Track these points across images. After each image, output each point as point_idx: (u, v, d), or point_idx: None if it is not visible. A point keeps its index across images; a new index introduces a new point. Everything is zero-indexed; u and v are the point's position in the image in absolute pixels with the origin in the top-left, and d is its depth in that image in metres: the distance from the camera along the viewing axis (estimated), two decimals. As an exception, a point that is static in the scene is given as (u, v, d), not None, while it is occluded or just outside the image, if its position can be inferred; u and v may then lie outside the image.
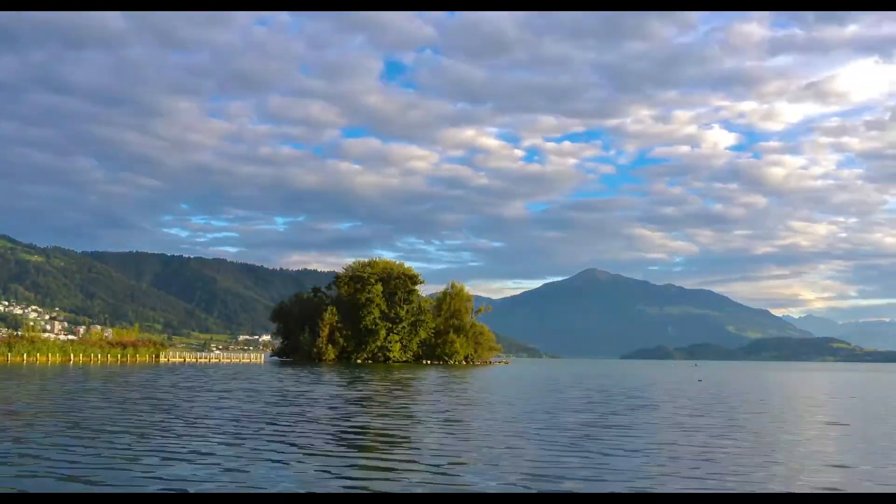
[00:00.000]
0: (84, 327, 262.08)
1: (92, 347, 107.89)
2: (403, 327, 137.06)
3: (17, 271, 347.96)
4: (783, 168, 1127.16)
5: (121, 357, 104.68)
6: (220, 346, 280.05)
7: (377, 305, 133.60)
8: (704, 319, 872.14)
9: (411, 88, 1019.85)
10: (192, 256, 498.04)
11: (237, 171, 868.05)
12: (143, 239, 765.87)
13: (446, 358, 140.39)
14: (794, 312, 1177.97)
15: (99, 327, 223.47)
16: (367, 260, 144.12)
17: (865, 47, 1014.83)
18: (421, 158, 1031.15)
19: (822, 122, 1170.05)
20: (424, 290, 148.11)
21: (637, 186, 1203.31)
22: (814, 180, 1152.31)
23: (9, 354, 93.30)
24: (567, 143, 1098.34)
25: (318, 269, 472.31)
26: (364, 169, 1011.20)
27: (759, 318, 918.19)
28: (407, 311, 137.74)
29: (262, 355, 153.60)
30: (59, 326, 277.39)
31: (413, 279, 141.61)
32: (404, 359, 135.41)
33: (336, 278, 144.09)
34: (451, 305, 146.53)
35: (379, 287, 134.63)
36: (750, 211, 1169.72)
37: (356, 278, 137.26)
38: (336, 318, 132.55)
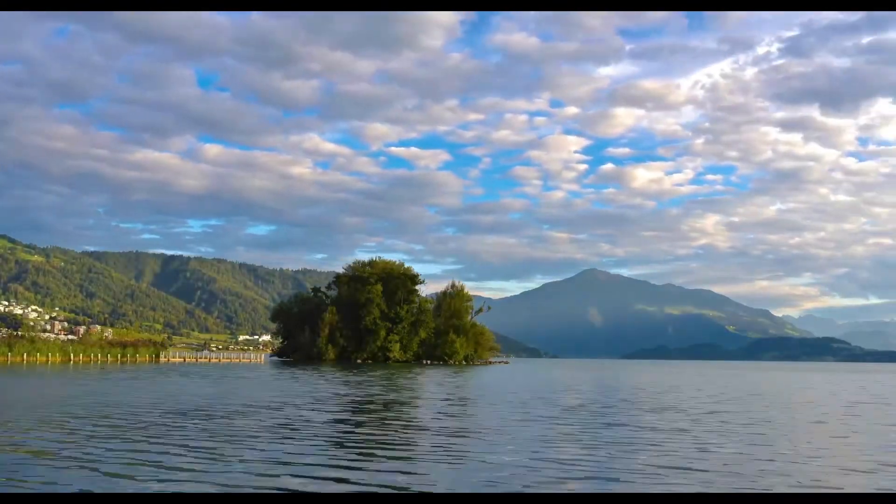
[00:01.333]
0: (84, 327, 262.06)
1: (92, 347, 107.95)
2: (403, 327, 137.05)
3: (17, 271, 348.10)
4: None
5: (121, 357, 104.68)
6: (220, 346, 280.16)
7: (377, 305, 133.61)
8: (704, 319, 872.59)
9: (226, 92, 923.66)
10: (192, 256, 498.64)
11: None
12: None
13: (446, 358, 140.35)
14: (794, 312, 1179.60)
15: (99, 327, 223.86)
16: (366, 260, 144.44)
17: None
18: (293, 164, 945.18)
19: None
20: (424, 290, 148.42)
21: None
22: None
23: (9, 354, 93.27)
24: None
25: (318, 269, 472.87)
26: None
27: (759, 318, 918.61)
28: (407, 311, 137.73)
29: (263, 355, 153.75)
30: (59, 326, 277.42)
31: (413, 279, 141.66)
32: (404, 359, 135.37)
33: (336, 278, 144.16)
34: (450, 305, 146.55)
35: (379, 287, 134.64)
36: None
37: (356, 278, 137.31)
38: (336, 318, 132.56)
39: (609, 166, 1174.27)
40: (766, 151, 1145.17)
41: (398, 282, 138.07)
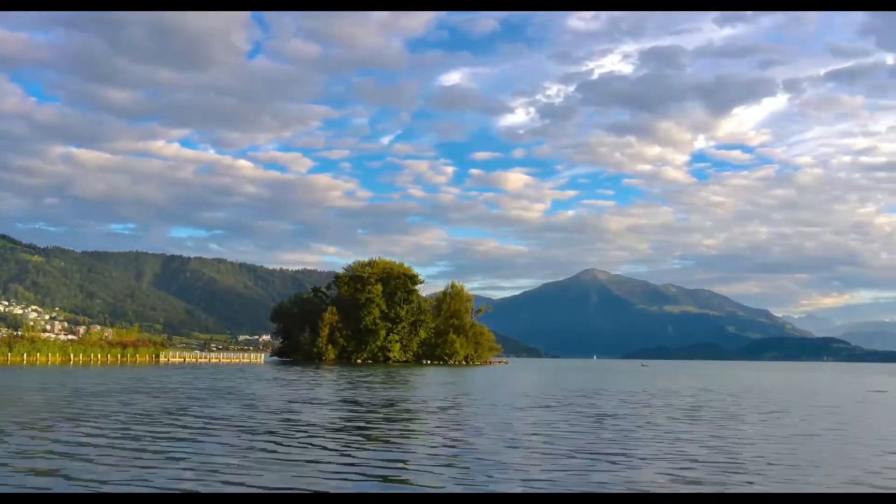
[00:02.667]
0: (84, 327, 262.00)
1: (92, 347, 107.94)
2: (403, 327, 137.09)
3: (17, 271, 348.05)
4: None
5: (121, 357, 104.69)
6: (220, 346, 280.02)
7: (377, 305, 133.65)
8: (704, 319, 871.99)
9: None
10: (192, 256, 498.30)
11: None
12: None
13: (446, 358, 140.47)
14: (794, 312, 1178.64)
15: (99, 327, 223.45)
16: (366, 260, 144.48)
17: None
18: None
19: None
20: (423, 290, 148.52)
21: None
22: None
23: (9, 354, 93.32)
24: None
25: (318, 270, 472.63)
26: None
27: (759, 318, 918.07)
28: (407, 311, 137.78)
29: (262, 355, 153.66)
30: (59, 326, 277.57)
31: (413, 279, 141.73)
32: (404, 359, 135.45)
33: (336, 278, 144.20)
34: (450, 305, 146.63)
35: (379, 287, 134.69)
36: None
37: (356, 278, 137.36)
38: (336, 318, 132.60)
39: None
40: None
41: (398, 282, 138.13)
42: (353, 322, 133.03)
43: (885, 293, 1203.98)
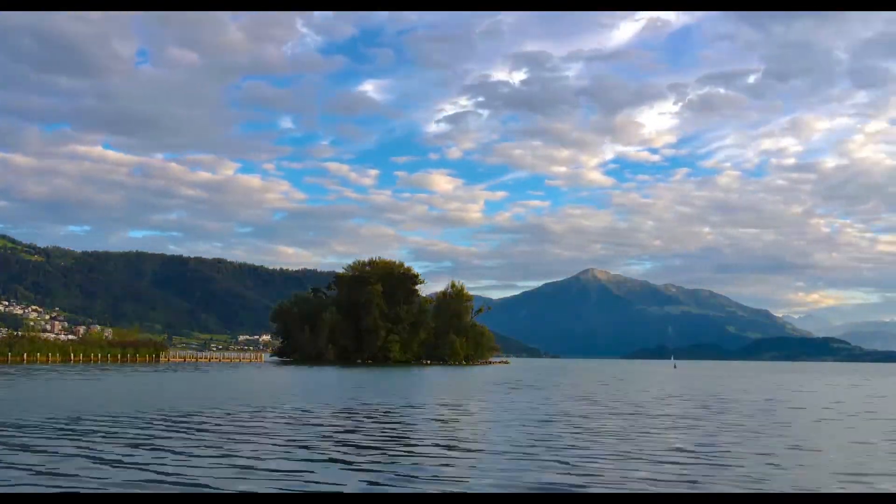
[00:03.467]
0: (84, 327, 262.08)
1: (92, 347, 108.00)
2: (403, 327, 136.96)
3: (17, 271, 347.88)
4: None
5: (121, 357, 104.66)
6: (220, 346, 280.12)
7: (377, 305, 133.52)
8: (704, 319, 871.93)
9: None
10: (192, 256, 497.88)
11: None
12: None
13: (446, 358, 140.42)
14: (794, 312, 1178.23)
15: (99, 327, 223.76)
16: (366, 260, 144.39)
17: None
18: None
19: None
20: (423, 290, 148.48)
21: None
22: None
23: (9, 354, 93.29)
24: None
25: (318, 270, 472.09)
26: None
27: (759, 318, 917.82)
28: (407, 312, 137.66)
29: (262, 355, 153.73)
30: (59, 326, 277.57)
31: (413, 279, 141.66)
32: (404, 359, 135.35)
33: (336, 278, 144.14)
34: (450, 306, 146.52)
35: (379, 287, 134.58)
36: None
37: (356, 278, 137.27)
38: (336, 318, 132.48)
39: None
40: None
41: (398, 282, 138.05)
42: (354, 322, 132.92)
43: (886, 293, 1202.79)
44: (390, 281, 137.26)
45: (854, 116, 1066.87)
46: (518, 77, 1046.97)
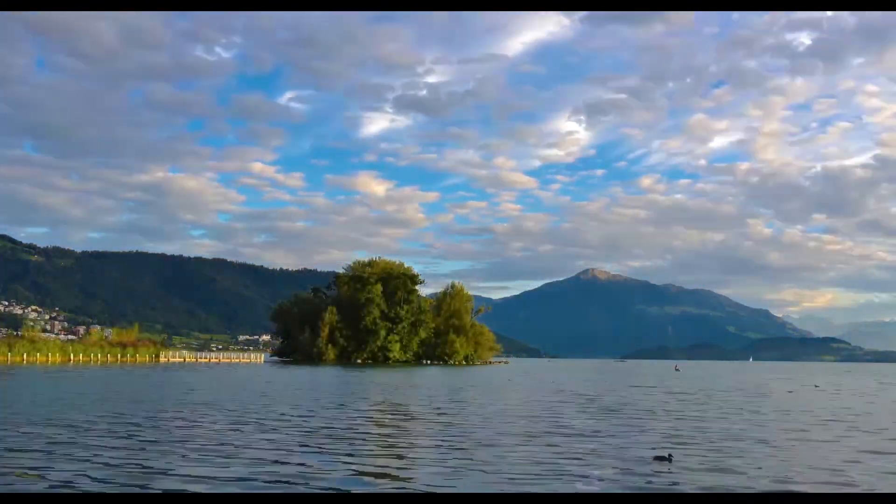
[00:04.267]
0: (84, 327, 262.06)
1: (92, 347, 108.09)
2: (403, 327, 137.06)
3: (17, 271, 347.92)
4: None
5: (121, 357, 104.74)
6: (220, 346, 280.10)
7: (377, 305, 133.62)
8: (704, 319, 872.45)
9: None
10: (192, 256, 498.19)
11: None
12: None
13: (446, 358, 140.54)
14: (794, 312, 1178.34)
15: (99, 327, 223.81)
16: (366, 260, 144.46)
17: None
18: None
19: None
20: (423, 290, 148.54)
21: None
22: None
23: (9, 354, 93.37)
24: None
25: (318, 270, 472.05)
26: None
27: (759, 318, 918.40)
28: (407, 311, 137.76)
29: (262, 355, 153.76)
30: (59, 326, 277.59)
31: (413, 279, 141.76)
32: (404, 359, 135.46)
33: (336, 278, 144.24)
34: (450, 305, 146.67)
35: (379, 287, 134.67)
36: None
37: (356, 278, 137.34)
38: (336, 318, 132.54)
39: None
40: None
41: (398, 282, 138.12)
42: (353, 322, 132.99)
43: (886, 293, 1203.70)
44: (390, 281, 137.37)
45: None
46: (427, 82, 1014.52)
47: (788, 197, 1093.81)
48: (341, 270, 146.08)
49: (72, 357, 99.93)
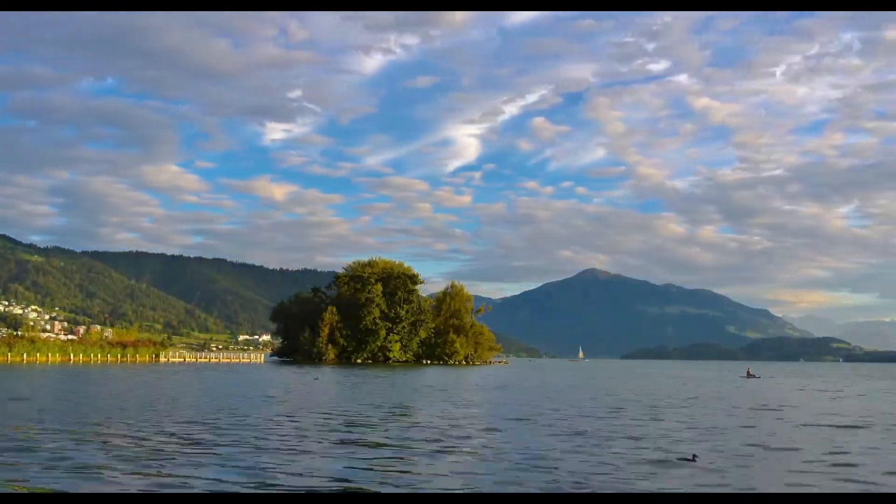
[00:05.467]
0: (84, 327, 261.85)
1: (92, 347, 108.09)
2: (403, 327, 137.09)
3: (17, 271, 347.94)
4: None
5: (121, 357, 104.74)
6: (220, 346, 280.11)
7: (377, 305, 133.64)
8: (704, 319, 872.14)
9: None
10: (192, 256, 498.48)
11: None
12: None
13: (446, 358, 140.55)
14: (794, 312, 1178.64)
15: (99, 327, 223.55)
16: (366, 260, 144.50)
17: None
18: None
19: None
20: (424, 290, 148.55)
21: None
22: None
23: (9, 354, 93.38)
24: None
25: (318, 270, 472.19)
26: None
27: (759, 318, 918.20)
28: (407, 311, 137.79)
29: (262, 355, 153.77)
30: (59, 326, 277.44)
31: (413, 279, 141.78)
32: (404, 359, 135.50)
33: (336, 278, 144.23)
34: (450, 305, 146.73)
35: (379, 287, 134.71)
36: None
37: (356, 278, 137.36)
38: (336, 317, 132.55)
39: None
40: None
41: (398, 282, 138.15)
42: (353, 322, 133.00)
43: (886, 293, 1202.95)
44: (390, 281, 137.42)
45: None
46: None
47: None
48: (341, 270, 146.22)
49: (72, 357, 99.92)
